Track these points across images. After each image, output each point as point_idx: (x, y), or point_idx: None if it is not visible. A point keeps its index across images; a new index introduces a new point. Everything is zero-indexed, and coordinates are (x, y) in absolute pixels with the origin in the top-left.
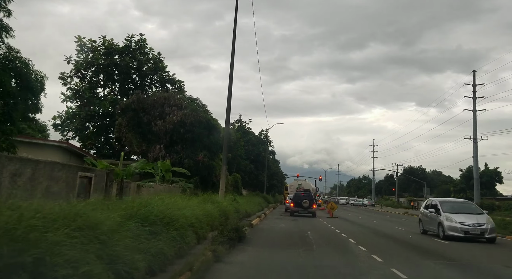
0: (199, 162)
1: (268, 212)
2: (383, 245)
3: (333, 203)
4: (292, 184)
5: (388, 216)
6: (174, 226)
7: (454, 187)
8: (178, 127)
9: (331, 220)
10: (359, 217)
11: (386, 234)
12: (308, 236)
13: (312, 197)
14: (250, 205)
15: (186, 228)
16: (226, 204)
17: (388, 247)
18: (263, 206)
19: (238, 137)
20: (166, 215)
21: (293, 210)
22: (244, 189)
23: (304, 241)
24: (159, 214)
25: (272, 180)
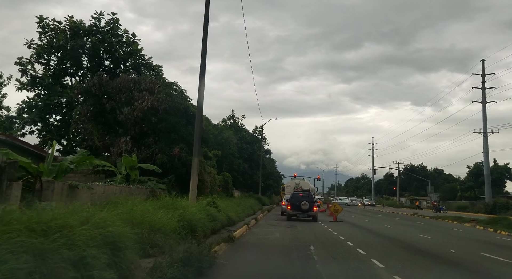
0: (174, 158)
1: (261, 216)
2: (428, 269)
3: (337, 205)
4: (289, 183)
5: (398, 218)
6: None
7: (460, 185)
8: (149, 115)
9: (336, 226)
10: (366, 221)
11: (416, 247)
12: (311, 256)
13: (312, 198)
14: (238, 209)
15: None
16: (196, 210)
17: (441, 275)
18: (255, 209)
19: (230, 134)
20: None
21: (290, 213)
22: (237, 190)
23: (308, 265)
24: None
25: (267, 180)
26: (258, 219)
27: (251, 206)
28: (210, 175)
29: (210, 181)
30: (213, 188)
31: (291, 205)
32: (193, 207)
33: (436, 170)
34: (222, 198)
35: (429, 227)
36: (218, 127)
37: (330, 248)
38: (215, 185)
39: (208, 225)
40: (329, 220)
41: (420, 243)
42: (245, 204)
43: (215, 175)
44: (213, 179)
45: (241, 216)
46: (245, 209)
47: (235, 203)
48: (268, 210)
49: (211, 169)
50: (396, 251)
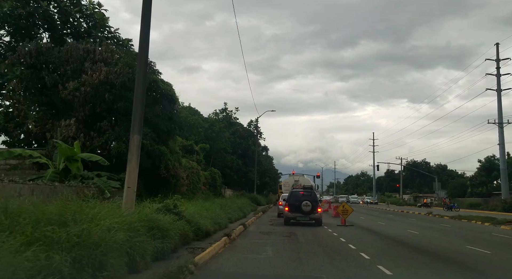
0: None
1: (253, 220)
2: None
3: (347, 206)
4: (287, 180)
5: (414, 219)
6: None
7: (471, 181)
8: (101, 92)
9: (348, 233)
10: (381, 224)
11: (482, 270)
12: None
13: (315, 197)
14: (220, 213)
15: None
16: (123, 222)
17: None
18: (247, 211)
19: (221, 127)
20: None
21: (288, 216)
22: (230, 189)
23: None
24: None
25: (264, 178)
26: (248, 224)
27: (241, 208)
28: (190, 171)
29: (192, 178)
30: (196, 187)
31: (289, 205)
32: (119, 218)
33: (440, 165)
34: (207, 198)
35: (463, 231)
36: (208, 120)
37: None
38: (199, 183)
39: (146, 248)
40: (335, 223)
41: (484, 261)
42: (233, 206)
43: (199, 171)
44: (196, 176)
45: (222, 222)
46: (232, 212)
47: (219, 204)
48: (263, 211)
49: (193, 164)
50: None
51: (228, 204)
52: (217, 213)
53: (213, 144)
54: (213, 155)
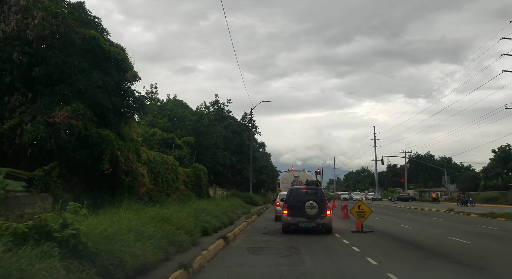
0: (59, 129)
1: (242, 228)
2: None
3: (364, 205)
4: (286, 177)
5: (440, 219)
6: None
7: (484, 173)
8: (9, 50)
9: (370, 244)
10: (404, 226)
11: None
12: None
13: (323, 195)
14: (186, 223)
15: None
16: None
17: None
18: (235, 216)
19: (211, 120)
20: None
21: (288, 222)
22: (222, 188)
23: None
24: None
25: (260, 175)
26: (232, 236)
27: (228, 212)
28: (163, 167)
29: (165, 176)
30: (171, 187)
31: (289, 207)
32: None
33: (445, 158)
34: (187, 200)
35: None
36: (197, 112)
37: None
38: (176, 182)
39: None
40: (347, 228)
41: None
42: (215, 210)
43: (176, 167)
44: (172, 173)
45: (185, 240)
46: (212, 220)
47: (194, 209)
48: (259, 213)
49: (168, 158)
50: None
51: (208, 209)
52: (181, 224)
53: (203, 139)
54: (203, 151)
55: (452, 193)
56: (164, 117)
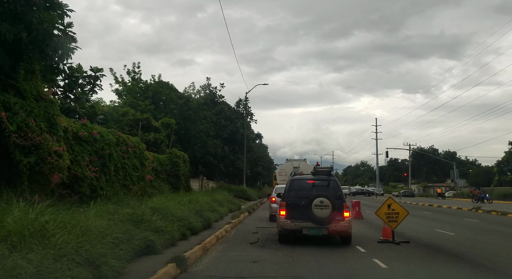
0: None
1: (220, 235)
2: None
3: (396, 204)
4: (284, 168)
5: (478, 221)
6: None
7: (498, 167)
8: None
9: (423, 272)
10: (440, 232)
11: None
12: None
13: (338, 190)
14: (140, 231)
15: None
16: None
17: None
18: (215, 217)
19: (200, 103)
20: None
21: (287, 228)
22: (211, 180)
23: None
24: None
25: (256, 167)
26: (191, 259)
27: (203, 211)
28: (114, 150)
29: (123, 162)
30: (132, 176)
31: (289, 207)
32: None
33: (449, 152)
34: (150, 195)
35: None
36: (184, 95)
37: None
38: (140, 170)
39: None
40: (368, 234)
41: None
42: (182, 210)
43: (141, 152)
44: (133, 158)
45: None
46: (171, 227)
47: (150, 208)
48: (250, 211)
49: (131, 139)
50: None
51: (171, 208)
52: (92, 242)
53: (191, 125)
54: (190, 138)
55: (461, 188)
56: (147, 99)
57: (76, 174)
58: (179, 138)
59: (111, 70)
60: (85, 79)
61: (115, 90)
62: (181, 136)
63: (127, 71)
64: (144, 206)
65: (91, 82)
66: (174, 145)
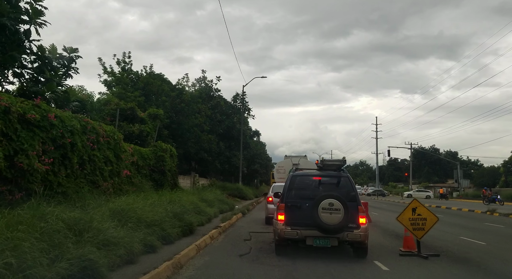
0: None
1: (202, 244)
2: None
3: (422, 208)
4: (282, 165)
5: (503, 226)
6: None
7: (505, 167)
8: None
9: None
10: (466, 240)
11: None
12: None
13: (352, 190)
14: (84, 242)
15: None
16: None
17: None
18: (200, 220)
19: (193, 96)
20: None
21: (287, 236)
22: (205, 178)
23: None
24: None
25: (253, 165)
26: (181, 264)
27: (185, 213)
28: (78, 139)
29: (92, 154)
30: (101, 171)
31: (289, 210)
32: None
33: (450, 152)
34: (127, 193)
35: None
36: (177, 88)
37: None
38: (115, 164)
39: None
40: (383, 243)
41: None
42: (156, 213)
43: (117, 143)
44: (108, 150)
45: None
46: (117, 240)
47: (110, 211)
48: (244, 212)
49: (104, 127)
50: None
51: (138, 213)
52: None
53: (184, 119)
54: (183, 133)
55: (465, 189)
56: (137, 90)
57: (21, 166)
58: (172, 133)
59: (100, 60)
60: (59, 61)
61: (104, 81)
62: (174, 130)
63: (117, 61)
64: (105, 207)
65: (65, 64)
66: (166, 140)
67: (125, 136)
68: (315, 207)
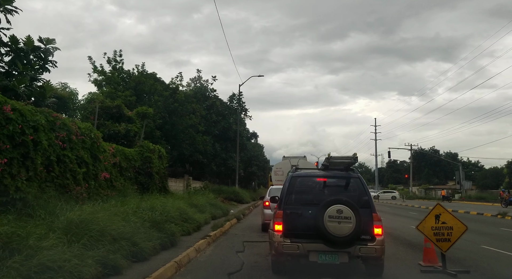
0: None
1: (185, 260)
2: None
3: (448, 215)
4: (280, 166)
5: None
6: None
7: (509, 168)
8: None
9: None
10: (491, 249)
11: None
12: None
13: (364, 194)
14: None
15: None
16: None
17: None
18: (185, 229)
19: (188, 95)
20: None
21: (285, 251)
22: (199, 181)
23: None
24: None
25: (250, 167)
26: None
27: (167, 222)
28: (44, 137)
29: (63, 155)
30: (73, 173)
31: (288, 218)
32: None
33: (450, 154)
34: (103, 198)
35: None
36: (170, 87)
37: None
38: (93, 165)
39: None
40: (397, 255)
41: None
42: (117, 228)
43: (94, 142)
44: (82, 149)
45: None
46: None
47: (65, 224)
48: (240, 217)
49: (79, 124)
50: None
51: (101, 225)
52: None
53: (177, 119)
54: (178, 134)
55: (468, 190)
56: (128, 90)
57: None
58: (165, 134)
59: (90, 59)
60: (35, 53)
61: (94, 80)
62: (167, 131)
63: (107, 60)
64: (63, 218)
65: (41, 56)
66: (158, 142)
67: (110, 136)
68: (320, 215)
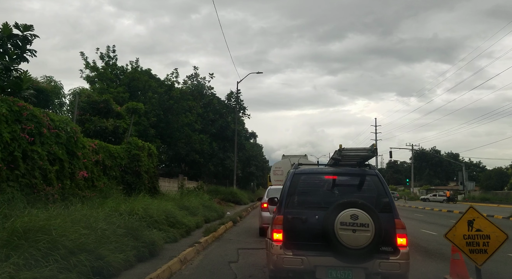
0: None
1: (165, 275)
2: None
3: (483, 220)
4: (279, 165)
5: None
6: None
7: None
8: None
9: None
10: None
11: None
12: None
13: (385, 195)
14: None
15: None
16: None
17: None
18: (172, 236)
19: (183, 92)
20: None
21: (287, 266)
22: (196, 181)
23: None
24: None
25: (248, 167)
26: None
27: (145, 229)
28: (5, 129)
29: (32, 150)
30: (44, 171)
31: (288, 225)
32: None
33: (451, 154)
34: (90, 198)
35: None
36: (165, 84)
37: None
38: (71, 163)
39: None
40: (419, 268)
41: None
42: (78, 238)
43: (71, 136)
44: (56, 145)
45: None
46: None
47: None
48: (236, 220)
49: (52, 116)
50: None
51: (60, 233)
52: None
53: (173, 117)
54: (173, 133)
55: (471, 191)
56: (121, 86)
57: None
58: (159, 132)
59: (82, 54)
60: (11, 41)
61: (86, 76)
62: (162, 129)
63: (100, 55)
64: (8, 224)
65: (18, 44)
66: (153, 140)
67: (97, 132)
68: (330, 221)
